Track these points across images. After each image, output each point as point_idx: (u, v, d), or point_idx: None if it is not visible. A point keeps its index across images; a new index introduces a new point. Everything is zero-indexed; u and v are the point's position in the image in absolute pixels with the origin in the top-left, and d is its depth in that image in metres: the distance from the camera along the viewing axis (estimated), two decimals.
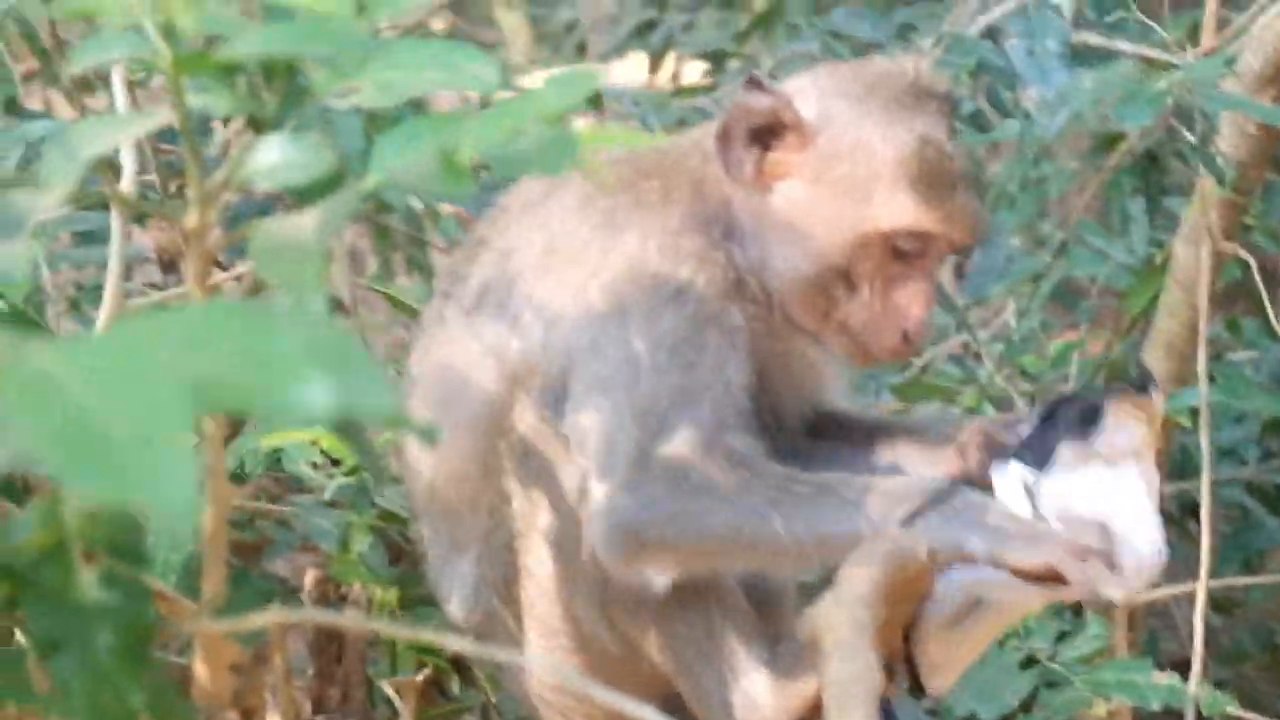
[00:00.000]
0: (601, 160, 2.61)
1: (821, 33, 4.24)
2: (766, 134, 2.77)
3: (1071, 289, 4.77)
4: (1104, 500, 2.68)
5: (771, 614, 2.89)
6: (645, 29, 6.35)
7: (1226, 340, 4.69)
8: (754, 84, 2.77)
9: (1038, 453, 2.71)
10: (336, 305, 3.93)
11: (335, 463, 3.23)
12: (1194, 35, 3.87)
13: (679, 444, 2.66)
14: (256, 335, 1.46)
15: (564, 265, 2.79)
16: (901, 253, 2.75)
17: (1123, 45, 4.61)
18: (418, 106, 3.02)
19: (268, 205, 3.11)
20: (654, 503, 2.65)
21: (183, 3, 1.81)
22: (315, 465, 3.19)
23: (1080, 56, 4.54)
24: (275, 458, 3.19)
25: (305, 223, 1.84)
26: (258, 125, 1.99)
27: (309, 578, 2.90)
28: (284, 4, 2.01)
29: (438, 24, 9.96)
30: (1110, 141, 5.08)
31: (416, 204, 4.47)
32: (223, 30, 1.88)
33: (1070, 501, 2.68)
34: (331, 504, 3.17)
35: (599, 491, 2.68)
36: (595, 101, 4.66)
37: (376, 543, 3.19)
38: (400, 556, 3.36)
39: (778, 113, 2.75)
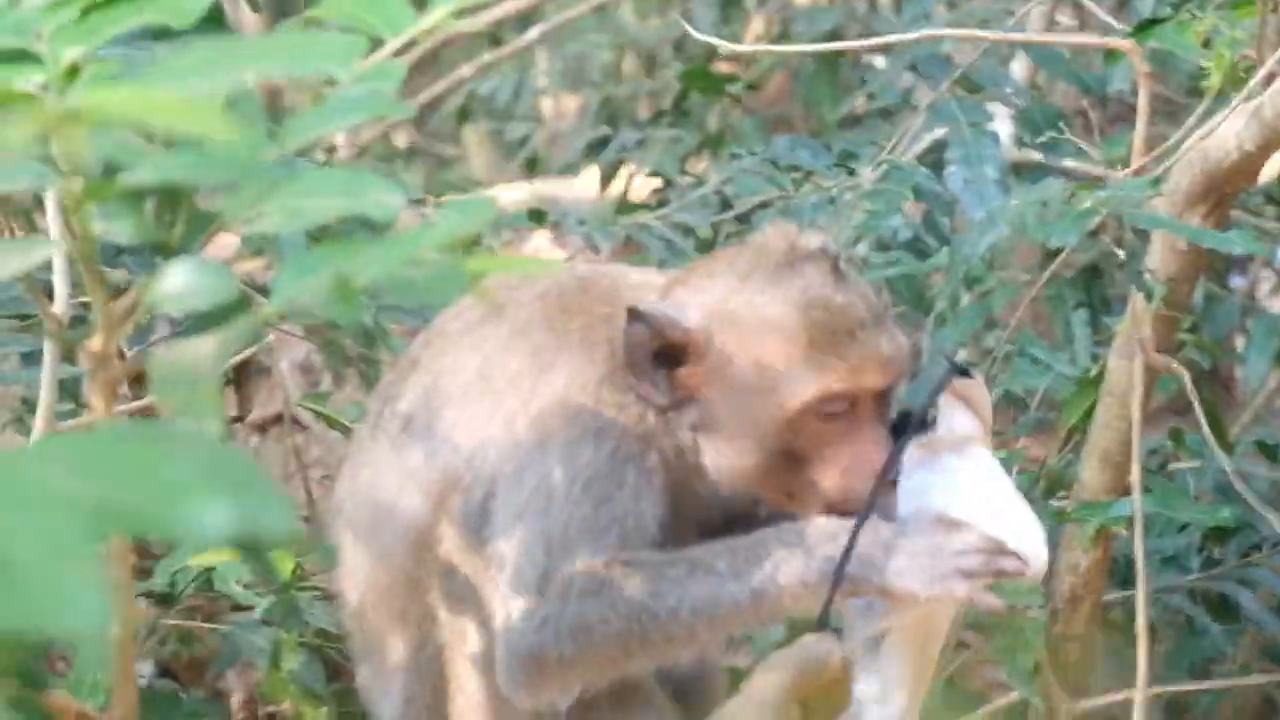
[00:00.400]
0: (500, 287, 2.65)
1: (763, 160, 4.29)
2: (668, 355, 2.80)
3: (1013, 401, 4.79)
4: (964, 488, 2.72)
5: (700, 712, 2.92)
6: (599, 145, 6.40)
7: (1170, 451, 4.72)
8: (634, 315, 2.81)
9: (894, 465, 2.75)
10: (276, 420, 3.96)
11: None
12: (1129, 156, 3.91)
13: (577, 568, 2.70)
14: (153, 459, 1.48)
15: (492, 394, 2.82)
16: (833, 415, 2.76)
17: (1060, 163, 4.71)
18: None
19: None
20: (545, 623, 2.70)
21: (85, 132, 1.83)
22: (245, 586, 3.20)
23: (1018, 174, 4.63)
24: (206, 577, 3.20)
25: (202, 349, 1.86)
26: (163, 251, 2.01)
27: (235, 698, 2.90)
28: (190, 132, 2.03)
29: (400, 139, 10.04)
30: (1054, 255, 5.13)
31: (367, 320, 4.50)
32: (127, 158, 1.91)
33: (930, 496, 2.72)
34: (265, 622, 3.17)
35: (500, 620, 2.71)
36: (539, 218, 4.71)
37: (312, 660, 3.19)
38: (338, 674, 3.37)
39: (665, 335, 2.78)
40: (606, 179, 6.11)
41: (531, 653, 2.69)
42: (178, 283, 1.97)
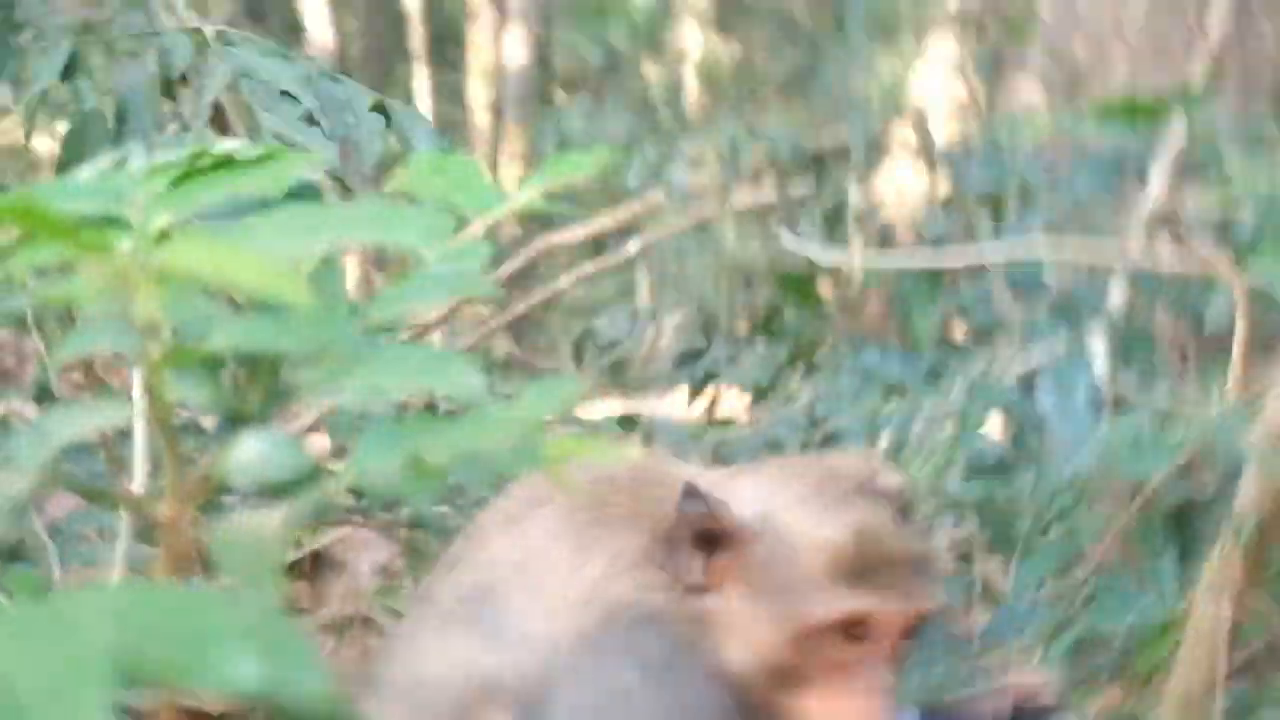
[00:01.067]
0: (575, 473, 2.63)
1: (852, 371, 4.28)
2: (709, 540, 2.77)
3: (1095, 643, 4.70)
4: None
5: None
6: (691, 359, 6.41)
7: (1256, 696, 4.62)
8: (692, 493, 2.79)
9: None
10: (351, 622, 3.94)
11: None
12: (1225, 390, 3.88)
13: None
14: (188, 611, 1.46)
15: (536, 585, 2.79)
16: (851, 642, 2.73)
17: (1153, 395, 4.66)
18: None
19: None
20: None
21: (165, 292, 1.83)
22: None
23: (1114, 409, 4.58)
24: None
25: (268, 519, 1.84)
26: (239, 422, 2.00)
27: None
28: (270, 295, 2.02)
29: (498, 349, 10.12)
30: (1149, 504, 5.06)
31: (450, 522, 4.49)
32: (204, 324, 1.90)
33: None
34: None
35: None
36: (629, 425, 4.70)
37: None
38: None
39: (717, 520, 2.76)
40: (695, 392, 6.11)
41: None
42: (250, 453, 1.95)
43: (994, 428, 4.21)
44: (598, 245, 8.12)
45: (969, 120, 8.86)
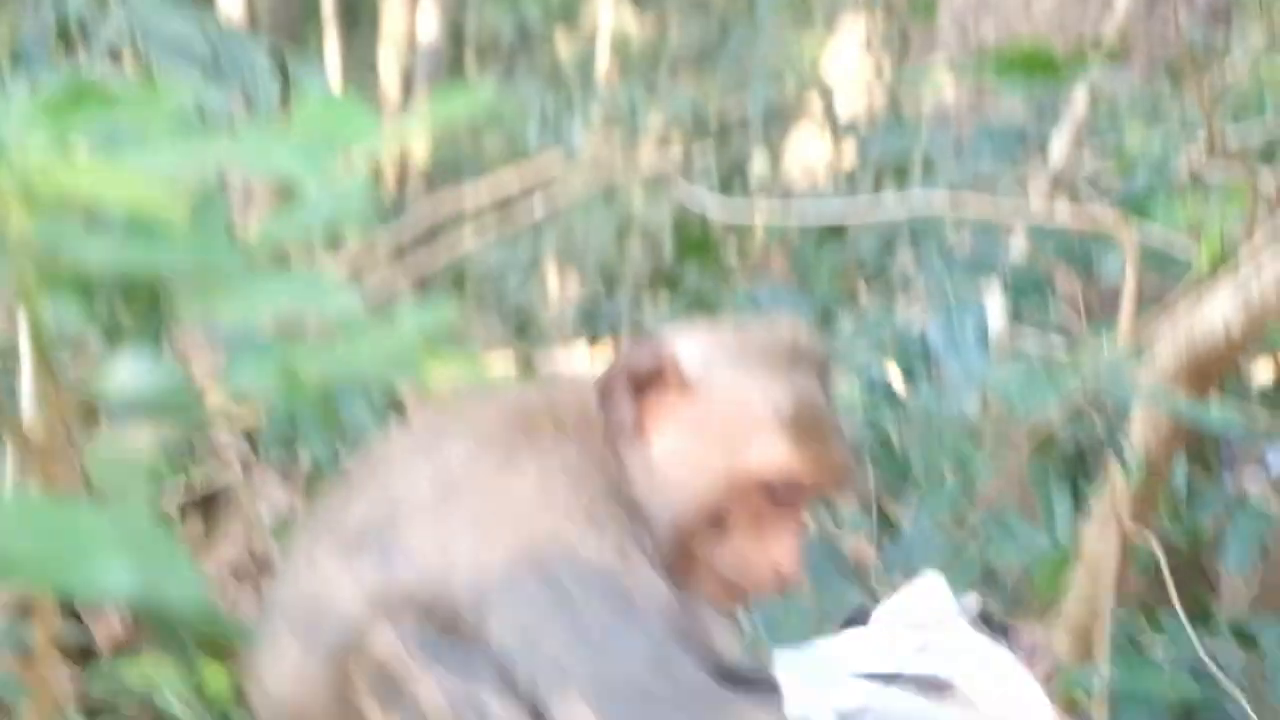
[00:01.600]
0: (455, 406, 2.65)
1: (743, 304, 4.31)
2: (647, 385, 2.81)
3: (990, 579, 4.76)
4: None
5: None
6: (591, 314, 6.43)
7: (1149, 634, 4.69)
8: (641, 338, 2.83)
9: None
10: (261, 562, 3.94)
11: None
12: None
13: (634, 665, 2.64)
14: (58, 518, 1.47)
15: (466, 507, 2.78)
16: (774, 498, 2.77)
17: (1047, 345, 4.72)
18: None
19: None
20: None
21: (36, 215, 1.84)
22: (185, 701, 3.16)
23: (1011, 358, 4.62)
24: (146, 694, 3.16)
25: (144, 436, 1.85)
26: (112, 341, 2.01)
27: None
28: (145, 213, 2.03)
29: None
30: (1043, 444, 5.13)
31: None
32: (80, 245, 1.90)
33: None
34: None
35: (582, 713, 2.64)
36: (529, 373, 4.71)
37: None
38: None
39: (662, 365, 2.79)
40: (594, 344, 6.12)
41: None
42: (126, 374, 1.96)
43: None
44: (502, 208, 8.12)
45: (876, 96, 8.92)
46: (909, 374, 4.16)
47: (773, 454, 2.78)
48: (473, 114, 2.41)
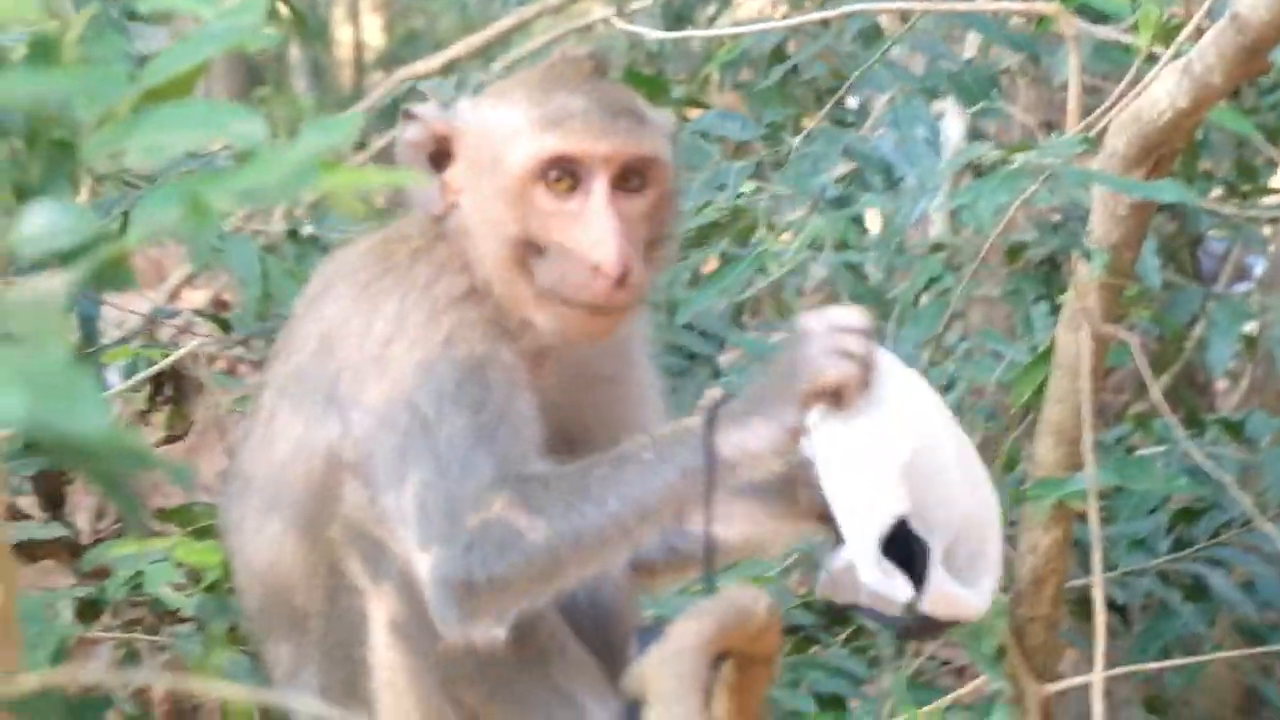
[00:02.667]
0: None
1: (691, 133, 4.24)
2: (442, 159, 2.79)
3: (976, 393, 4.73)
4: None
5: (617, 668, 2.87)
6: None
7: (1138, 439, 4.68)
8: (409, 116, 2.83)
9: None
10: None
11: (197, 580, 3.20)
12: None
13: (483, 482, 2.65)
14: None
15: (338, 350, 2.80)
16: (563, 191, 2.73)
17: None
18: None
19: None
20: (472, 546, 2.63)
21: None
22: (177, 586, 3.15)
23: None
24: (136, 582, 3.15)
25: (53, 282, 1.82)
26: (21, 192, 1.97)
27: (159, 690, 2.83)
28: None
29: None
30: (1014, 252, 5.09)
31: None
32: None
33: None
34: (192, 619, 3.13)
35: (422, 560, 2.65)
36: None
37: (243, 659, 3.14)
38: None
39: (433, 131, 2.79)
40: None
41: (463, 579, 2.62)
42: (37, 225, 1.92)
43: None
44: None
45: None
46: (865, 188, 4.10)
47: (527, 146, 2.76)
48: None
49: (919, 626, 2.64)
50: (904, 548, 2.65)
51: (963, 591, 2.66)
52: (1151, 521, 4.39)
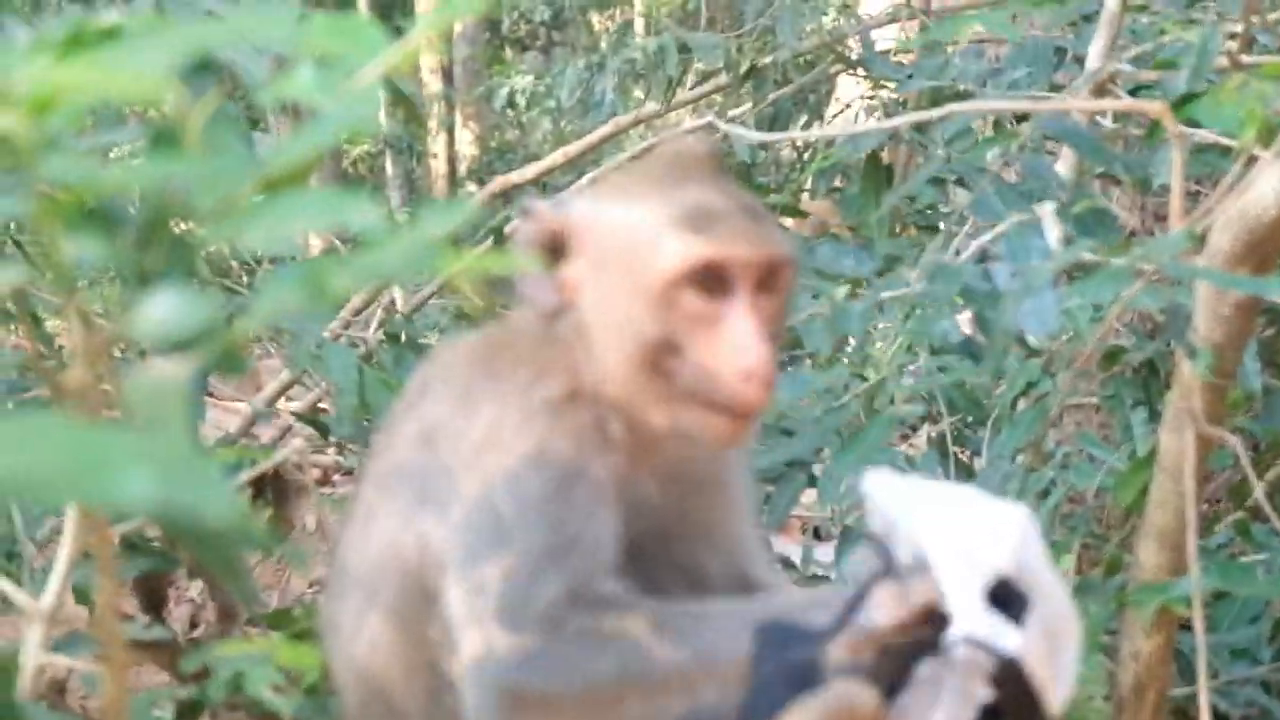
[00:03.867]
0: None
1: (806, 269, 4.22)
2: (556, 254, 2.79)
3: (1075, 501, 4.72)
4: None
5: None
6: None
7: (1238, 546, 4.63)
8: (525, 211, 2.81)
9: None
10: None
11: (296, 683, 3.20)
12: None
13: (550, 595, 2.62)
14: (82, 437, 1.45)
15: (437, 449, 2.79)
16: (708, 295, 2.72)
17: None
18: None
19: None
20: (530, 656, 2.59)
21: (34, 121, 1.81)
22: (277, 688, 3.15)
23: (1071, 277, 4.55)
24: (236, 684, 3.15)
25: (176, 366, 1.83)
26: (143, 279, 1.98)
27: None
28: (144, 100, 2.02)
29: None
30: (1112, 356, 5.07)
31: None
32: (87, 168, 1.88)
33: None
34: None
35: (469, 650, 2.63)
36: None
37: None
38: None
39: (549, 226, 2.78)
40: None
41: (513, 687, 2.59)
42: (157, 310, 1.94)
43: (958, 321, 4.17)
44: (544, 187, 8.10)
45: (910, 30, 8.87)
46: (982, 321, 4.09)
47: (673, 248, 2.72)
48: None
49: (1009, 695, 2.57)
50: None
51: (1051, 673, 2.61)
52: (1253, 630, 4.35)
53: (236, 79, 3.16)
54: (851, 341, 4.93)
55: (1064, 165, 5.66)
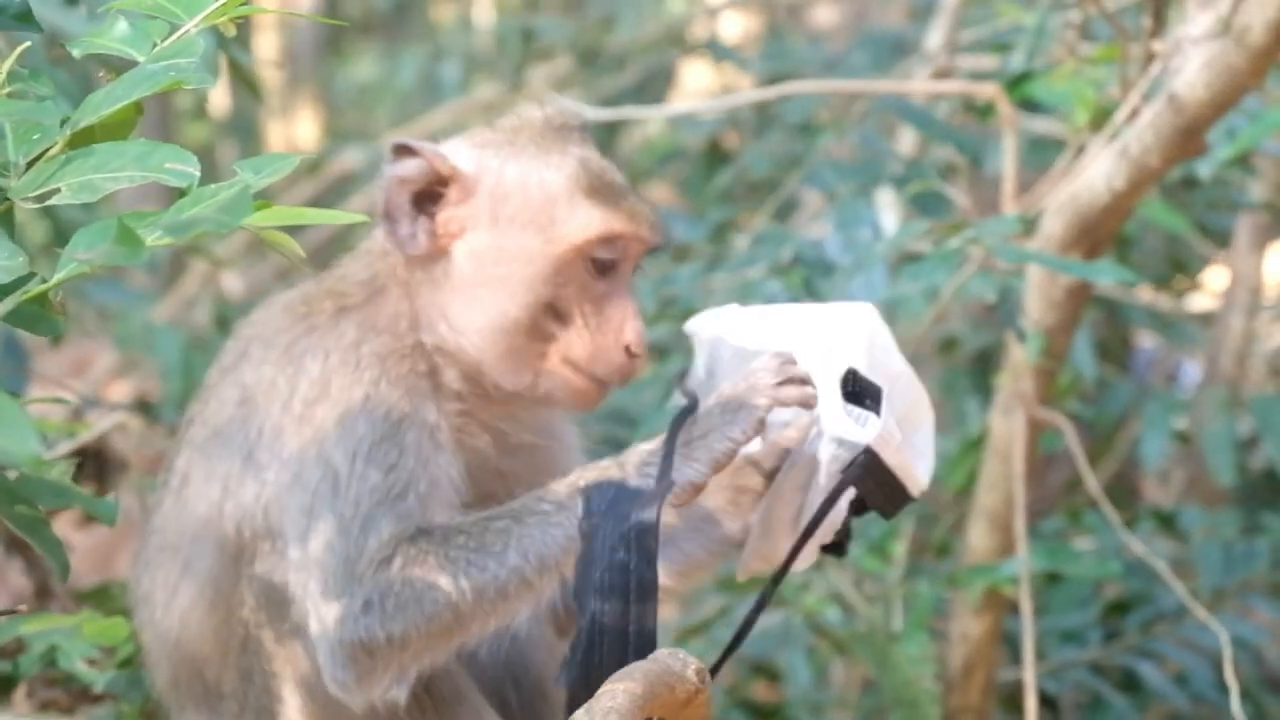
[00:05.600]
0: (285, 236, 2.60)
1: None
2: (428, 198, 2.74)
3: None
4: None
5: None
6: None
7: (1071, 533, 4.66)
8: (403, 149, 2.74)
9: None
10: None
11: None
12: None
13: (383, 538, 2.60)
14: None
15: (260, 412, 2.74)
16: (600, 266, 2.72)
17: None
18: None
19: None
20: (369, 607, 2.57)
21: None
22: (91, 662, 3.09)
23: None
24: (50, 658, 3.08)
25: None
26: None
27: None
28: None
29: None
30: (948, 346, 5.10)
31: None
32: None
33: None
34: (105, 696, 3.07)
35: (317, 623, 2.60)
36: None
37: None
38: None
39: (434, 169, 2.73)
40: None
41: (360, 641, 2.56)
42: None
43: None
44: None
45: (755, 19, 8.90)
46: (812, 290, 4.09)
47: (586, 219, 2.73)
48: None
49: (871, 485, 2.63)
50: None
51: (909, 457, 2.67)
52: (1083, 614, 4.38)
53: (57, 35, 3.10)
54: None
55: (904, 147, 5.70)
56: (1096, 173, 3.45)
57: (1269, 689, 4.59)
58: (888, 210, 4.82)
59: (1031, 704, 3.56)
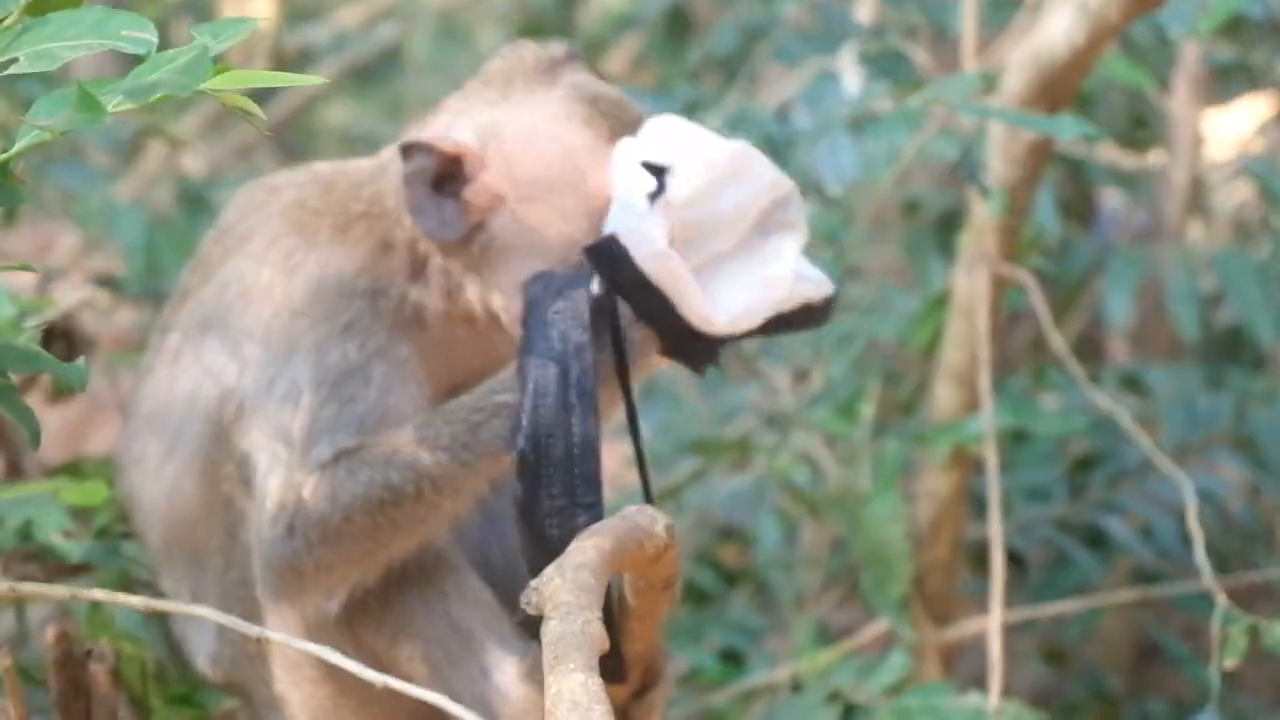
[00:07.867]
0: (250, 206, 2.64)
1: None
2: (448, 181, 2.72)
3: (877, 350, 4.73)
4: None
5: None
6: None
7: (1036, 390, 4.68)
8: (408, 148, 2.73)
9: None
10: None
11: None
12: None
13: (320, 459, 2.64)
14: None
15: (252, 307, 2.77)
16: None
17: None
18: None
19: None
20: (293, 530, 2.66)
21: None
22: (67, 534, 3.10)
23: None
24: (26, 532, 3.10)
25: None
26: None
27: (50, 632, 2.77)
28: None
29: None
30: (911, 208, 5.09)
31: None
32: None
33: None
34: (83, 567, 3.09)
35: (255, 535, 2.66)
36: None
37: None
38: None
39: (446, 153, 2.69)
40: None
41: (286, 562, 2.64)
42: None
43: None
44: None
45: None
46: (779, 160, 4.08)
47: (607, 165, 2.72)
48: None
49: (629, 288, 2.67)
50: None
51: (693, 284, 2.66)
52: (1049, 471, 4.41)
53: None
54: None
55: (864, 15, 5.67)
56: (1057, 28, 3.44)
57: (1234, 541, 4.63)
58: (849, 72, 4.81)
59: (998, 560, 3.60)
